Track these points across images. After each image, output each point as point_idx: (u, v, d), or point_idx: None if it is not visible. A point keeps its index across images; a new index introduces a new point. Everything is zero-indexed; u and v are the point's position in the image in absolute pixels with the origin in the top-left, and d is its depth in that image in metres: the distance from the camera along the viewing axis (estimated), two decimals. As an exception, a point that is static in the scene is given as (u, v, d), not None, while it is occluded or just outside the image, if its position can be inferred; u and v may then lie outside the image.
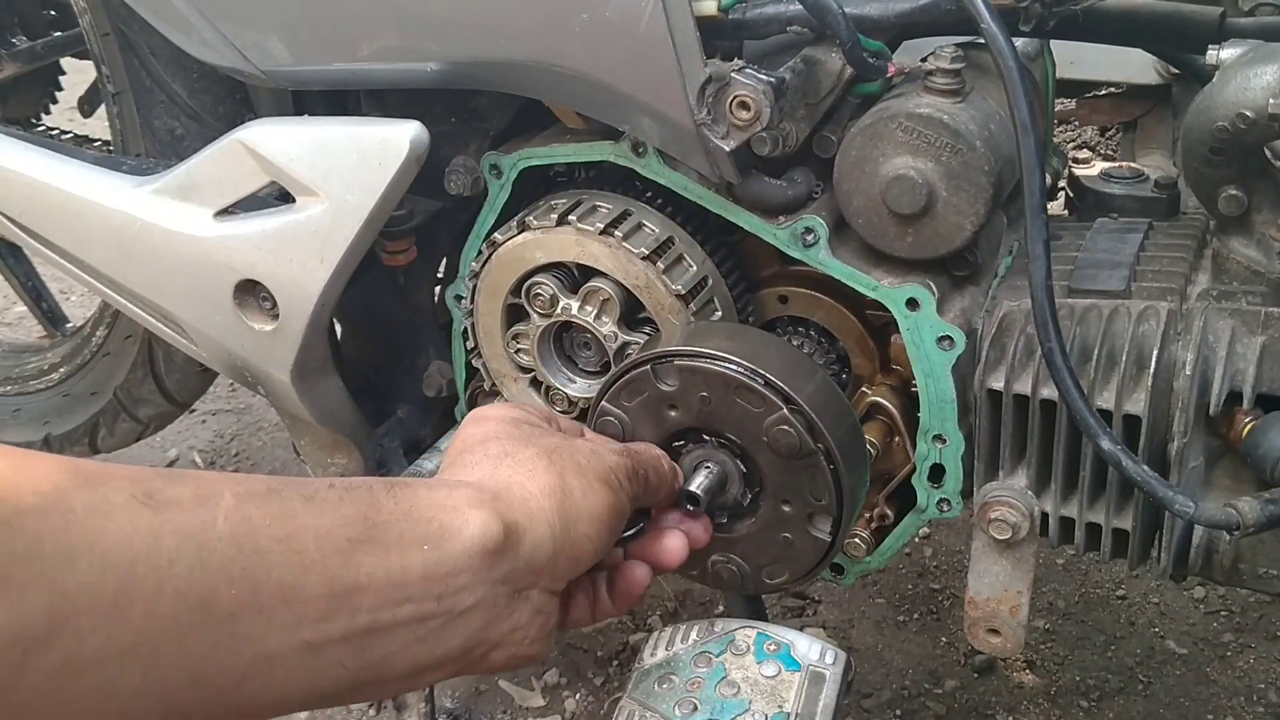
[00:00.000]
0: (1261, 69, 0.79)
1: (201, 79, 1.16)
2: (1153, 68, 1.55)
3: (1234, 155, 0.82)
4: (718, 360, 0.82)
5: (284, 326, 1.03)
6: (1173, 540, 0.86)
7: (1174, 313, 0.84)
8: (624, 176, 0.98)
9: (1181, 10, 0.91)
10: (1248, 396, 0.80)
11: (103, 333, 1.45)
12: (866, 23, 0.87)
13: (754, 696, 0.75)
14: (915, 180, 0.84)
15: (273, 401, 1.15)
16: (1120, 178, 1.03)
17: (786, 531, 0.86)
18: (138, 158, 1.17)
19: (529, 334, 1.01)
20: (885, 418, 0.96)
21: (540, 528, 0.64)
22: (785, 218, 0.91)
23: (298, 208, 0.99)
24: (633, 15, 0.83)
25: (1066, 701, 1.34)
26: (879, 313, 0.93)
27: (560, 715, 1.36)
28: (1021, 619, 0.92)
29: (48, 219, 1.15)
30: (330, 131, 0.98)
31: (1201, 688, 1.36)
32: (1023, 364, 0.86)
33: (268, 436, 1.88)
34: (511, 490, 0.65)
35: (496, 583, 0.62)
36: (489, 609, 0.62)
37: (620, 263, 0.94)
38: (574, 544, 0.66)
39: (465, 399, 1.14)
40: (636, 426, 0.87)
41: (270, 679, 0.53)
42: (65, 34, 1.56)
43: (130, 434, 1.51)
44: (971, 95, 0.86)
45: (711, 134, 0.85)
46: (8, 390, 1.60)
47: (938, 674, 1.39)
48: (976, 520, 0.90)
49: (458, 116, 1.02)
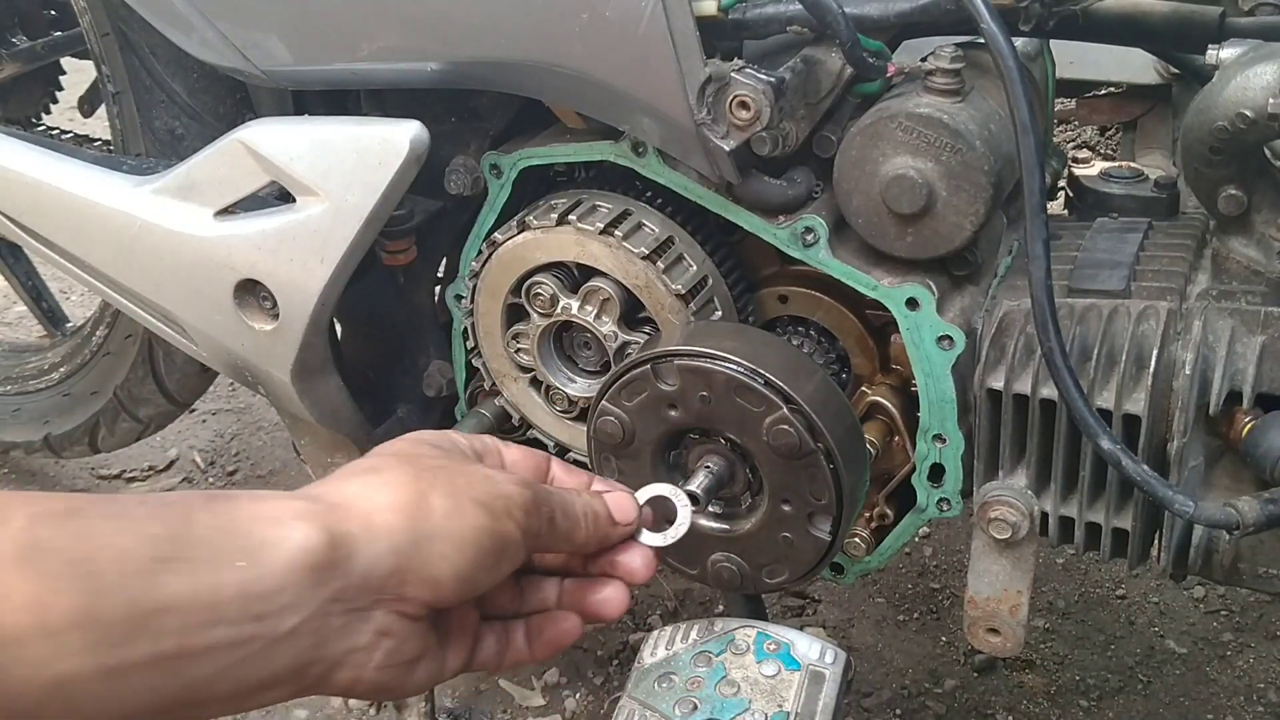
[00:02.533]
0: (1261, 69, 0.79)
1: (201, 79, 1.16)
2: (1153, 68, 1.55)
3: (1234, 155, 0.83)
4: (718, 360, 0.82)
5: (284, 326, 1.03)
6: (1172, 540, 0.86)
7: (1174, 312, 0.84)
8: (624, 176, 0.98)
9: (1181, 10, 0.91)
10: (1247, 396, 0.80)
11: (103, 332, 1.45)
12: (866, 23, 0.87)
13: (754, 696, 0.75)
14: (915, 180, 0.84)
15: (273, 401, 1.15)
16: (1120, 178, 1.03)
17: (786, 531, 0.86)
18: (138, 158, 1.17)
19: (529, 334, 1.01)
20: (885, 417, 0.96)
21: (379, 543, 0.59)
22: (785, 217, 0.91)
23: (298, 207, 0.99)
24: (632, 15, 0.83)
25: (1066, 701, 1.34)
26: (879, 312, 0.93)
27: (560, 714, 1.36)
28: (1021, 618, 0.92)
29: (48, 219, 1.15)
30: (330, 131, 0.98)
31: (1201, 687, 1.36)
32: (1023, 364, 0.86)
33: (268, 436, 1.88)
34: (352, 504, 0.60)
35: (327, 600, 0.57)
36: (317, 629, 0.57)
37: (620, 262, 0.94)
38: (425, 563, 0.60)
39: (465, 399, 1.14)
40: (636, 426, 0.87)
41: (68, 705, 0.51)
42: (65, 34, 1.57)
43: (130, 433, 1.52)
44: (971, 95, 0.86)
45: (711, 134, 0.85)
46: (8, 390, 1.60)
47: (938, 673, 1.39)
48: (976, 520, 0.90)
49: (458, 116, 1.02)
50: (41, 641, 0.49)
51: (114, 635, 0.51)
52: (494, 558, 0.63)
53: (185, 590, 0.53)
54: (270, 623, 0.55)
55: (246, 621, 0.55)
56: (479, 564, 0.62)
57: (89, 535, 0.52)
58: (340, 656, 0.59)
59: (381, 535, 0.59)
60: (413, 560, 0.60)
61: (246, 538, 0.56)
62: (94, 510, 0.53)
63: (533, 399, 1.05)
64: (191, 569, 0.54)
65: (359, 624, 0.59)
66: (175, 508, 0.56)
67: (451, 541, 0.61)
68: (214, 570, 0.54)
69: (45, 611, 0.49)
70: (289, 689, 0.58)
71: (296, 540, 0.56)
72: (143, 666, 0.52)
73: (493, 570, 0.64)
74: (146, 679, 0.52)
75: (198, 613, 0.53)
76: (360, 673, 0.60)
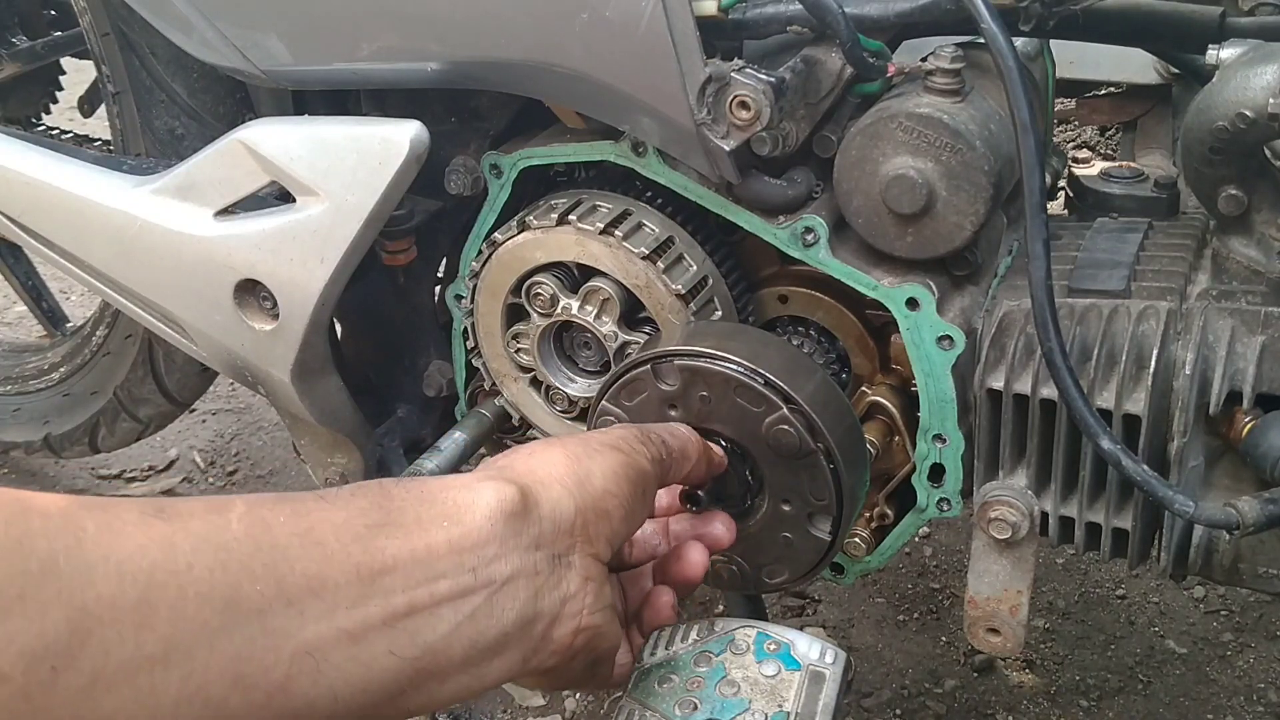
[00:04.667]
0: (1261, 69, 0.79)
1: (201, 79, 1.16)
2: (1153, 68, 1.55)
3: (1234, 155, 0.83)
4: (718, 360, 0.82)
5: (284, 326, 1.03)
6: (1172, 540, 0.86)
7: (1174, 312, 0.84)
8: (624, 176, 0.98)
9: (1181, 10, 0.91)
10: (1247, 396, 0.80)
11: (103, 332, 1.45)
12: (866, 22, 0.87)
13: (754, 696, 0.75)
14: (915, 180, 0.84)
15: (273, 401, 1.15)
16: (1120, 178, 1.03)
17: (786, 531, 0.86)
18: (138, 158, 1.17)
19: (529, 334, 1.01)
20: (885, 417, 0.96)
21: (554, 488, 0.64)
22: (785, 217, 0.91)
23: (298, 207, 0.99)
24: (633, 15, 0.83)
25: (1066, 701, 1.34)
26: (879, 312, 0.93)
27: (560, 715, 1.36)
28: (1021, 618, 0.92)
29: (48, 219, 1.15)
30: (330, 131, 0.98)
31: (1201, 687, 1.36)
32: (1023, 364, 0.86)
33: (268, 436, 1.88)
34: (515, 464, 0.66)
35: (528, 548, 0.61)
36: (531, 577, 0.61)
37: (620, 262, 0.94)
38: (595, 499, 0.66)
39: (465, 399, 1.14)
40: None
41: (318, 675, 0.53)
42: (65, 34, 1.56)
43: (130, 433, 1.51)
44: (971, 95, 0.86)
45: (711, 134, 0.85)
46: (8, 390, 1.60)
47: (938, 673, 1.39)
48: (976, 520, 0.90)
49: (458, 116, 1.02)
50: (283, 611, 0.52)
51: (347, 597, 0.54)
52: (639, 486, 0.69)
53: (402, 551, 0.57)
54: (485, 572, 0.59)
55: (464, 574, 0.58)
56: (633, 494, 0.69)
57: (306, 513, 0.55)
58: (558, 607, 0.63)
59: (553, 483, 0.65)
60: (584, 497, 0.65)
61: (444, 504, 0.60)
62: (303, 495, 0.57)
63: (533, 399, 1.05)
64: (404, 533, 0.58)
65: (565, 570, 0.64)
66: (372, 486, 0.60)
67: (606, 476, 0.67)
68: (423, 532, 0.58)
69: (282, 581, 0.52)
70: (518, 652, 0.62)
71: (489, 496, 0.61)
72: (378, 627, 0.55)
73: (642, 501, 0.70)
74: (385, 641, 0.55)
75: (417, 569, 0.57)
76: (578, 620, 0.64)
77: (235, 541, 0.52)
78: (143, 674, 0.47)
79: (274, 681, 0.51)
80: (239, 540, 0.52)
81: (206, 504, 0.53)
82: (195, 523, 0.51)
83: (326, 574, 0.54)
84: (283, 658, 0.51)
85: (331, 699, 0.54)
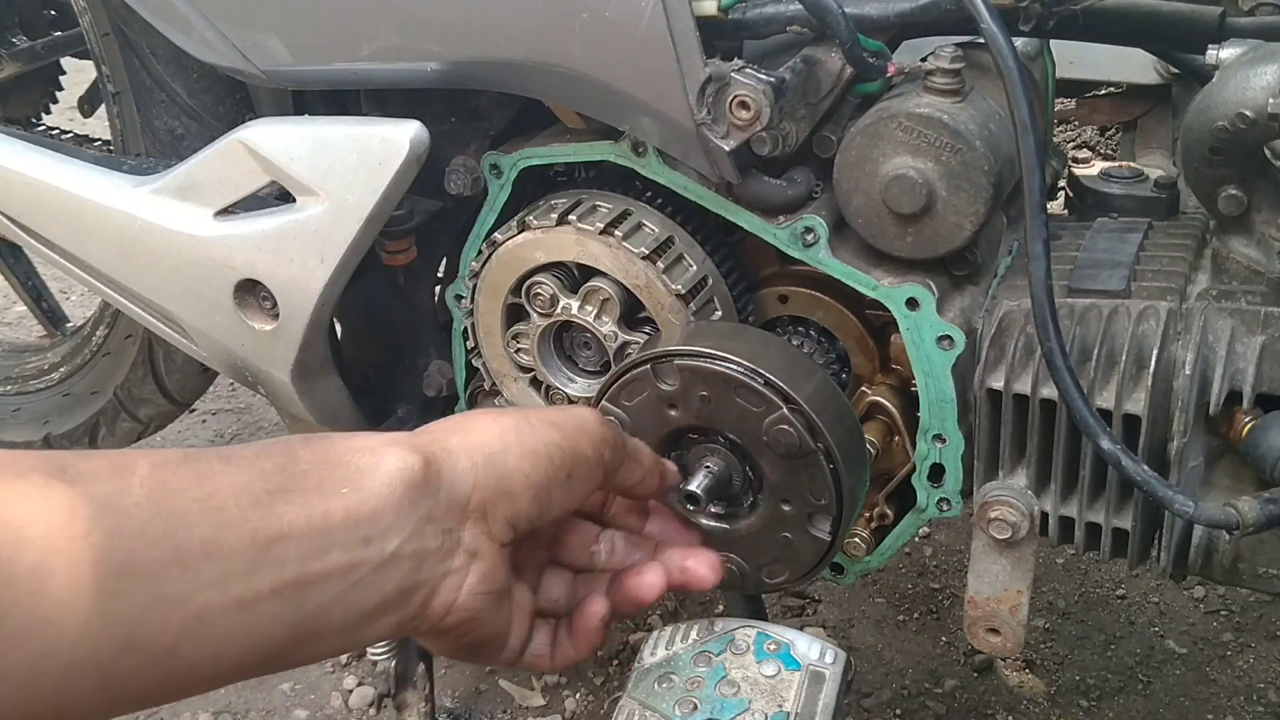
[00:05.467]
0: (1261, 69, 0.79)
1: (201, 79, 1.16)
2: (1153, 68, 1.56)
3: (1234, 155, 0.83)
4: (718, 360, 0.82)
5: (284, 326, 1.03)
6: (1172, 540, 0.86)
7: (1174, 312, 0.84)
8: (624, 176, 0.98)
9: (1181, 10, 0.91)
10: (1247, 396, 0.80)
11: (103, 332, 1.45)
12: (866, 22, 0.87)
13: (754, 696, 0.75)
14: (915, 180, 0.84)
15: (273, 401, 1.15)
16: (1120, 178, 1.03)
17: (786, 531, 0.86)
18: (138, 158, 1.17)
19: (529, 334, 1.01)
20: (885, 417, 0.96)
21: (461, 460, 0.63)
22: (785, 217, 0.91)
23: (298, 207, 0.99)
24: (632, 15, 0.83)
25: (1066, 701, 1.34)
26: (879, 312, 0.93)
27: (560, 715, 1.36)
28: (1021, 618, 0.92)
29: (48, 219, 1.15)
30: (330, 131, 0.98)
31: (1201, 687, 1.36)
32: (1023, 364, 0.86)
33: (268, 436, 1.88)
34: (432, 432, 0.65)
35: (422, 520, 0.61)
36: (416, 550, 0.61)
37: (620, 262, 0.94)
38: (500, 476, 0.64)
39: (465, 399, 1.14)
40: (636, 426, 0.87)
41: (205, 640, 0.53)
42: (65, 34, 1.56)
43: (130, 433, 1.51)
44: (971, 95, 0.86)
45: (711, 134, 0.85)
46: (8, 390, 1.60)
47: (938, 673, 1.39)
48: (976, 520, 0.90)
49: (458, 116, 1.02)
50: (178, 576, 0.52)
51: (241, 565, 0.54)
52: (564, 471, 0.67)
53: (300, 518, 0.57)
54: (376, 546, 0.59)
55: (356, 546, 0.58)
56: (551, 476, 0.66)
57: (209, 475, 0.55)
58: (438, 580, 0.62)
59: (459, 454, 0.64)
60: (489, 476, 0.64)
61: (347, 467, 0.60)
62: (207, 455, 0.57)
63: (533, 399, 1.05)
64: (303, 498, 0.57)
65: (451, 545, 0.63)
66: (278, 446, 0.60)
67: (525, 455, 0.65)
68: (322, 497, 0.58)
69: (179, 548, 0.52)
70: (394, 618, 0.61)
71: (392, 463, 0.60)
72: (269, 595, 0.55)
73: (565, 486, 0.68)
74: (272, 608, 0.55)
75: (313, 538, 0.57)
76: (456, 596, 0.63)
77: (135, 506, 0.52)
78: (36, 638, 0.48)
79: (163, 645, 0.52)
80: (139, 505, 0.52)
81: (110, 464, 0.53)
82: (97, 486, 0.51)
83: (223, 540, 0.54)
84: (173, 623, 0.52)
85: (215, 660, 0.54)
